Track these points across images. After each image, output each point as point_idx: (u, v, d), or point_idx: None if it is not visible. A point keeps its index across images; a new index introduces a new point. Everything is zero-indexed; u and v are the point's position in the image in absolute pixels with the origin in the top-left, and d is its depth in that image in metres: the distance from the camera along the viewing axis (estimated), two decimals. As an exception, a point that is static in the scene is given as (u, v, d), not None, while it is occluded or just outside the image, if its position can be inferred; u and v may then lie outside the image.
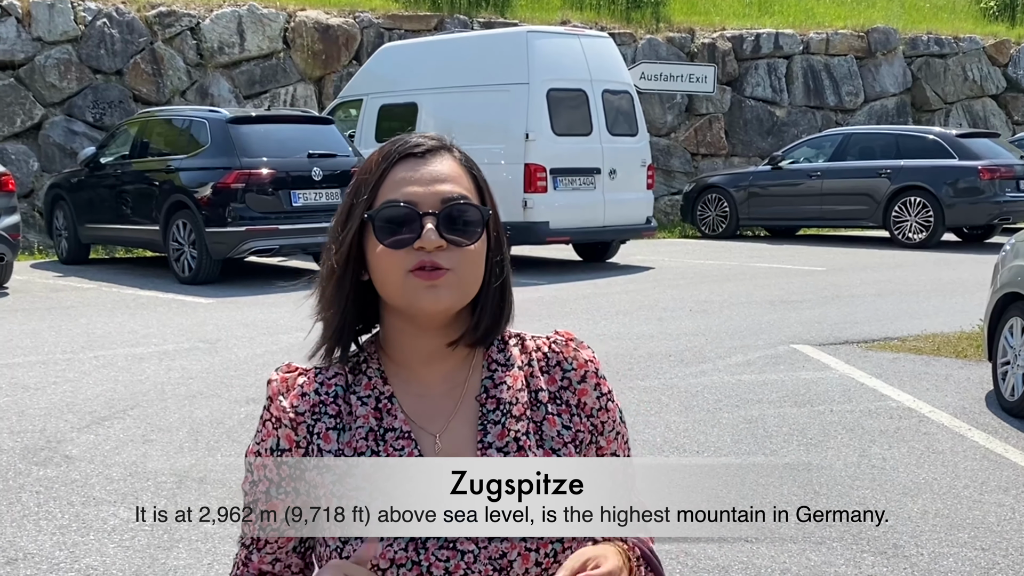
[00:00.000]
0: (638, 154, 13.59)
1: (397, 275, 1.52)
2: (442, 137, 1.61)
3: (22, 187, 14.98)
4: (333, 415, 1.58)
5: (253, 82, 17.49)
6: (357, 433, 1.57)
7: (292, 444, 1.57)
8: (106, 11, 16.61)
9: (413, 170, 1.55)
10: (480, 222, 1.55)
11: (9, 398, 6.59)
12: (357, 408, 1.58)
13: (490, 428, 1.58)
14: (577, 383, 1.63)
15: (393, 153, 1.57)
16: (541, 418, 1.60)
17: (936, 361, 7.65)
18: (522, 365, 1.63)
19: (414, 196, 1.53)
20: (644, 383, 6.93)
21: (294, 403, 1.59)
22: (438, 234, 1.51)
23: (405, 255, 1.51)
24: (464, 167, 1.59)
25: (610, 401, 1.65)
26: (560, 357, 1.64)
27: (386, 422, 1.58)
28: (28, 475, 5.12)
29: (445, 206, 1.53)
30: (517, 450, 1.56)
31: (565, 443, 1.59)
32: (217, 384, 6.94)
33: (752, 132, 20.75)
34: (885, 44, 21.70)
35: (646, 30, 20.51)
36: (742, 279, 12.06)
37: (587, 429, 1.62)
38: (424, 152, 1.57)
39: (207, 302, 10.52)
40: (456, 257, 1.52)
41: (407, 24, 18.58)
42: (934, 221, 15.35)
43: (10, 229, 11.18)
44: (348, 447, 1.56)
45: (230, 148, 11.64)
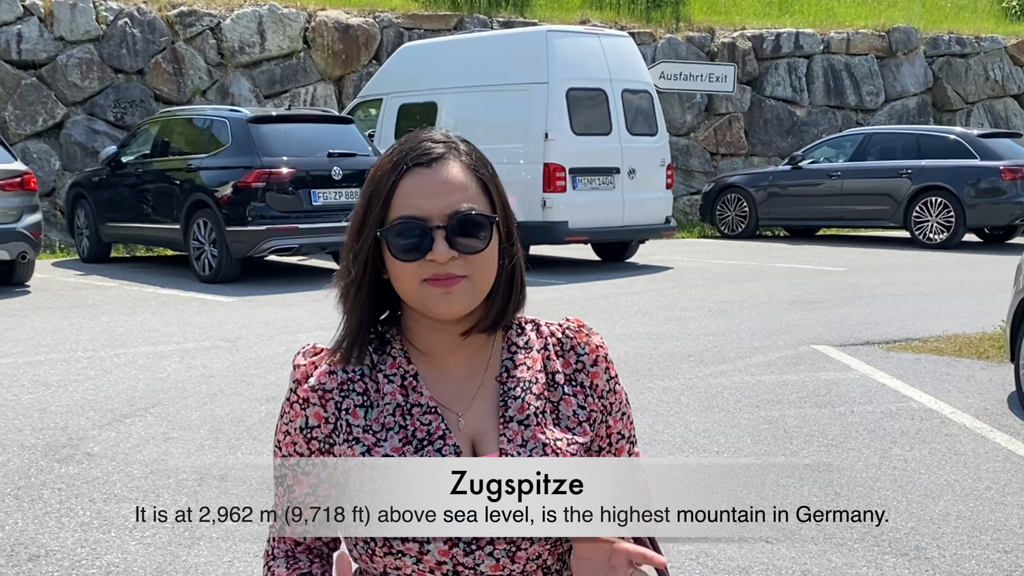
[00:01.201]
0: (657, 154, 13.57)
1: (412, 284, 1.61)
2: (449, 138, 1.67)
3: (44, 186, 15.08)
4: (360, 392, 1.65)
5: (273, 82, 17.55)
6: (385, 409, 1.63)
7: (321, 420, 1.64)
8: (127, 11, 16.69)
9: (421, 181, 1.61)
10: (488, 227, 1.62)
11: (31, 395, 6.63)
12: (384, 385, 1.65)
13: (511, 403, 1.66)
14: (590, 366, 1.72)
15: (402, 163, 1.63)
16: (558, 398, 1.69)
17: (958, 362, 7.61)
18: (539, 348, 1.72)
19: (423, 210, 1.59)
20: (663, 383, 6.92)
21: (321, 380, 1.65)
22: (448, 246, 1.58)
23: (418, 267, 1.59)
24: (470, 170, 1.65)
25: (617, 384, 1.75)
26: (574, 342, 1.73)
27: (412, 398, 1.64)
28: (50, 472, 5.15)
29: (453, 218, 1.59)
30: (536, 424, 1.64)
31: (580, 422, 1.68)
32: (237, 382, 6.97)
33: (772, 132, 20.69)
34: (906, 44, 21.60)
35: (666, 29, 20.48)
36: (762, 279, 12.02)
37: (598, 409, 1.71)
38: (431, 161, 1.62)
39: (227, 301, 10.56)
40: (469, 264, 1.60)
41: (427, 24, 18.60)
42: (955, 221, 15.28)
43: (32, 228, 11.25)
44: (376, 423, 1.63)
45: (250, 147, 11.68)
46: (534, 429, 1.63)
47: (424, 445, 1.61)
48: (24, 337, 8.59)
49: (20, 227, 11.10)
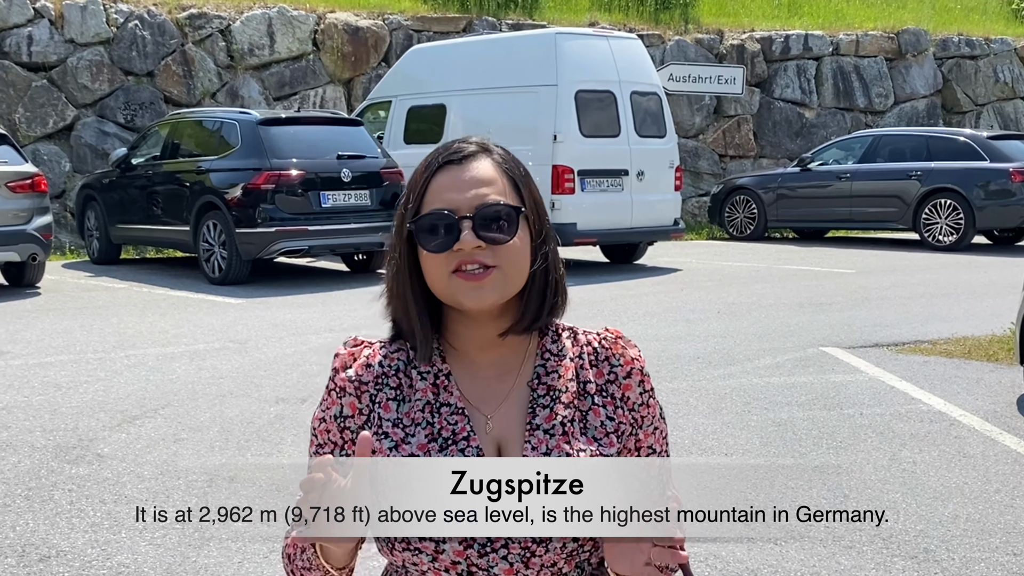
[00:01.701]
0: (666, 156, 13.57)
1: (442, 276, 1.63)
2: (483, 141, 1.71)
3: (54, 187, 15.13)
4: (394, 387, 1.69)
5: (283, 84, 17.58)
6: (416, 405, 1.67)
7: (355, 411, 1.69)
8: (138, 13, 16.74)
9: (451, 177, 1.66)
10: (515, 218, 1.64)
11: (42, 397, 6.65)
12: (417, 382, 1.69)
13: (539, 411, 1.67)
14: (623, 378, 1.73)
15: (435, 162, 1.68)
16: (587, 408, 1.69)
17: (967, 364, 7.60)
18: (573, 357, 1.73)
19: (452, 203, 1.64)
20: (672, 385, 6.92)
21: (359, 373, 1.70)
22: (475, 235, 1.61)
23: (447, 258, 1.62)
24: (501, 168, 1.68)
25: (651, 398, 1.75)
26: (609, 353, 1.74)
27: (442, 397, 1.68)
28: (61, 473, 5.17)
29: (480, 209, 1.62)
30: (562, 434, 1.65)
31: (607, 433, 1.68)
32: (247, 384, 6.98)
33: (781, 134, 20.67)
34: (915, 45, 21.56)
35: (675, 31, 20.47)
36: (770, 281, 12.02)
37: (628, 422, 1.71)
38: (462, 158, 1.67)
39: (237, 302, 10.58)
40: (498, 254, 1.62)
41: (436, 26, 18.62)
42: (965, 223, 15.24)
43: (42, 229, 11.28)
44: (407, 417, 1.67)
45: (260, 149, 11.71)
46: (559, 439, 1.64)
47: (448, 444, 1.64)
48: (34, 338, 8.62)
49: (30, 229, 11.14)
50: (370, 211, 11.96)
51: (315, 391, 6.72)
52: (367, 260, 13.00)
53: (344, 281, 12.17)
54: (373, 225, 11.86)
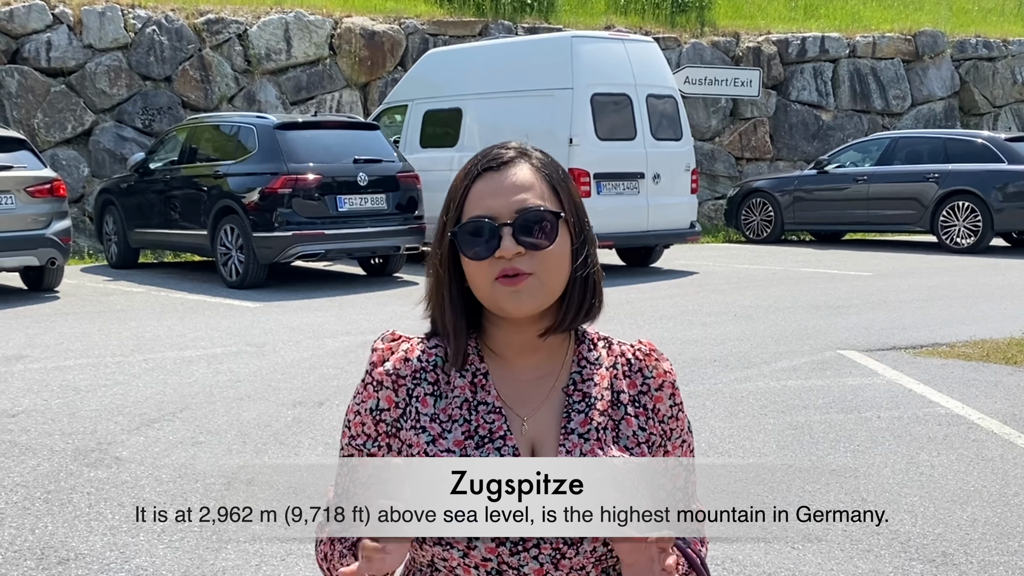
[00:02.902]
0: (682, 158, 13.56)
1: (485, 283, 1.66)
2: (522, 146, 1.73)
3: (73, 192, 15.21)
4: (432, 382, 1.71)
5: (299, 88, 17.64)
6: (453, 402, 1.69)
7: (391, 404, 1.70)
8: (155, 18, 16.83)
9: (491, 184, 1.68)
10: (555, 224, 1.66)
11: (61, 400, 6.69)
12: (455, 379, 1.71)
13: (574, 416, 1.69)
14: (655, 390, 1.76)
15: (474, 168, 1.70)
16: (620, 417, 1.72)
17: (985, 367, 7.56)
18: (608, 366, 1.76)
19: (492, 209, 1.66)
20: (688, 388, 6.91)
21: (396, 367, 1.71)
22: (515, 242, 1.63)
23: (489, 265, 1.65)
24: (541, 173, 1.70)
25: (680, 411, 1.77)
26: (642, 364, 1.77)
27: (480, 396, 1.70)
28: (79, 476, 5.19)
29: (520, 215, 1.64)
30: (596, 439, 1.67)
31: (639, 443, 1.70)
32: (264, 387, 7.01)
33: (797, 136, 20.63)
34: (933, 47, 21.49)
35: (691, 34, 20.45)
36: (787, 284, 11.99)
37: (658, 433, 1.74)
38: (501, 164, 1.69)
39: (254, 306, 10.62)
40: (536, 261, 1.64)
41: (452, 30, 18.65)
42: (983, 226, 15.18)
43: (61, 234, 11.34)
44: (443, 413, 1.68)
45: (277, 154, 11.75)
46: (593, 444, 1.66)
47: (485, 442, 1.66)
48: (53, 342, 8.67)
49: (49, 233, 11.20)
50: (386, 215, 11.99)
51: (332, 394, 6.74)
52: (383, 264, 13.02)
53: (360, 285, 12.20)
54: (389, 229, 11.89)
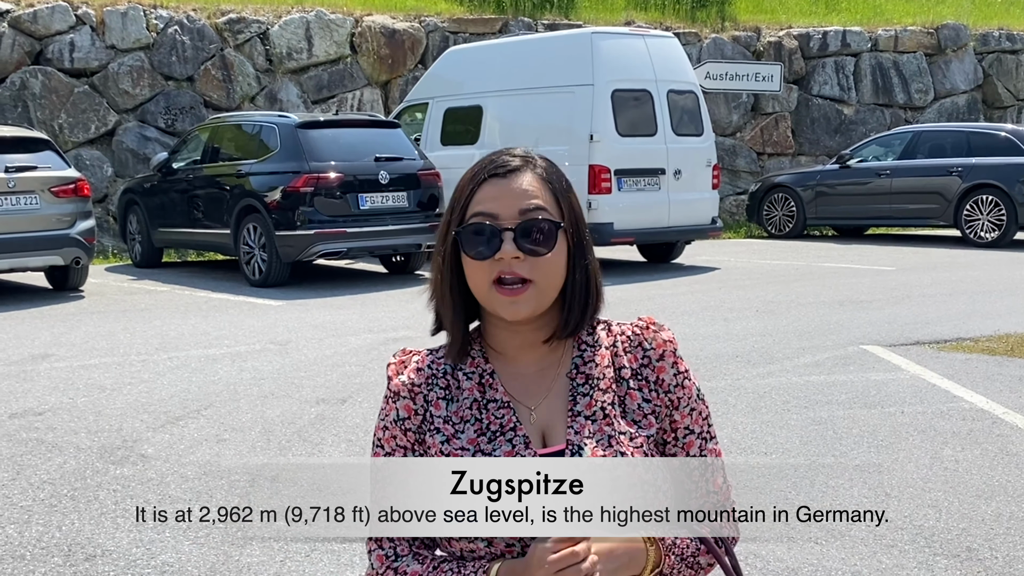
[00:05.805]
0: (703, 154, 13.52)
1: (483, 285, 1.73)
2: (527, 154, 1.79)
3: (96, 192, 15.32)
4: (443, 387, 1.79)
5: (321, 87, 17.70)
6: (463, 403, 1.77)
7: (411, 412, 1.77)
8: (177, 19, 16.91)
9: (496, 189, 1.75)
10: (554, 232, 1.72)
11: (86, 398, 6.74)
12: (463, 382, 1.79)
13: (579, 399, 1.75)
14: (656, 361, 1.81)
15: (481, 173, 1.76)
16: (624, 392, 1.78)
17: (1010, 362, 7.52)
18: (608, 346, 1.82)
19: (495, 213, 1.72)
20: (711, 384, 6.90)
21: (411, 377, 1.80)
22: (515, 247, 1.69)
23: (488, 266, 1.71)
24: (544, 181, 1.76)
25: (687, 379, 1.81)
26: (641, 338, 1.83)
27: (488, 394, 1.77)
28: (106, 474, 5.24)
29: (522, 221, 1.70)
30: (603, 418, 1.73)
31: (645, 415, 1.75)
32: (288, 385, 7.04)
33: (819, 131, 20.54)
34: (955, 40, 21.35)
35: (711, 29, 20.39)
36: (810, 279, 11.95)
37: (664, 403, 1.79)
38: (507, 172, 1.75)
39: (277, 304, 10.66)
40: (534, 266, 1.70)
41: (472, 27, 18.66)
42: (1007, 220, 15.08)
43: (85, 233, 11.42)
44: (456, 415, 1.76)
45: (299, 152, 11.79)
46: (601, 423, 1.71)
47: (496, 436, 1.71)
48: (79, 341, 8.73)
49: (74, 233, 11.28)
50: (408, 213, 12.01)
51: (355, 391, 6.76)
52: (405, 261, 13.06)
53: (382, 282, 12.23)
54: (411, 227, 11.91)
